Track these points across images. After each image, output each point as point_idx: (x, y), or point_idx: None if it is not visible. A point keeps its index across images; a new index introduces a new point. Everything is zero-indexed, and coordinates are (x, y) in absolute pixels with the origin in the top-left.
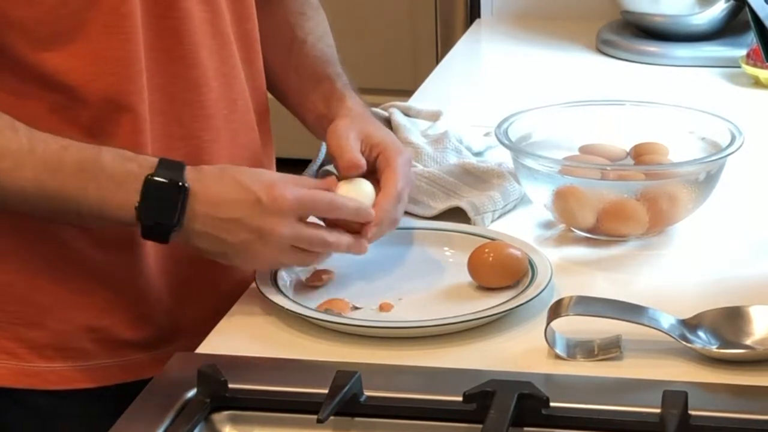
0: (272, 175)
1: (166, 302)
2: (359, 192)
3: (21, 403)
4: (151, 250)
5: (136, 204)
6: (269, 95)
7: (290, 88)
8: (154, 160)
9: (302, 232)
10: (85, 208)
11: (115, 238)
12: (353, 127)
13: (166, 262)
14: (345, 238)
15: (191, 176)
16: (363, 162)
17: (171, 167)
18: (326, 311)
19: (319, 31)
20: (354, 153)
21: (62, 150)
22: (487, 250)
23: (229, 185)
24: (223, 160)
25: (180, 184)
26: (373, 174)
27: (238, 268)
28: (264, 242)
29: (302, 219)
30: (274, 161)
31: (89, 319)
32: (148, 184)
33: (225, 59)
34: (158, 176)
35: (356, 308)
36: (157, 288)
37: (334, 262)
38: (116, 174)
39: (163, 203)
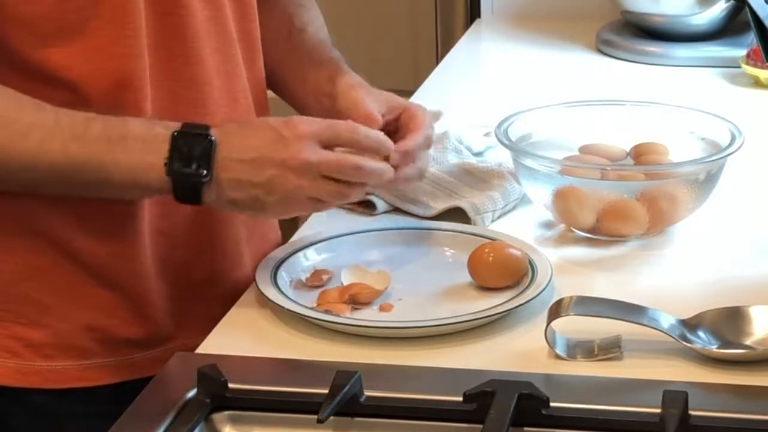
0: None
1: (166, 301)
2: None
3: (22, 401)
4: (150, 250)
5: (166, 159)
6: (269, 93)
7: (291, 71)
8: (178, 124)
9: (329, 156)
10: (116, 175)
11: (115, 238)
12: (368, 89)
13: (166, 262)
14: (377, 163)
15: (215, 132)
16: (379, 116)
17: (196, 126)
18: (326, 311)
19: (317, 23)
20: (368, 105)
21: (88, 120)
22: (487, 250)
23: (251, 129)
24: None
25: (206, 134)
26: (394, 136)
27: (235, 268)
28: (293, 174)
29: (327, 148)
30: None
31: (89, 318)
32: (176, 139)
33: (227, 57)
34: (185, 130)
35: (356, 308)
36: (157, 287)
37: (335, 262)
38: (144, 136)
39: (192, 153)
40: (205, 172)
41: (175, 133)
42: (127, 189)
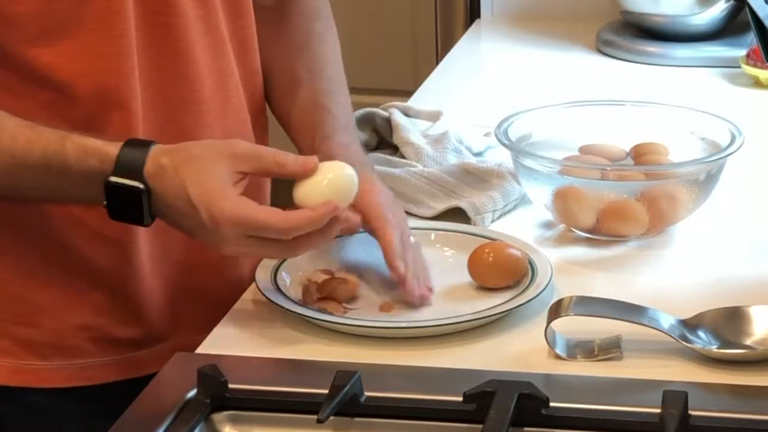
0: (216, 179)
1: (161, 300)
2: (334, 184)
3: (17, 401)
4: (144, 249)
5: (104, 204)
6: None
7: (288, 126)
8: (114, 152)
9: (250, 248)
10: (60, 200)
11: (109, 237)
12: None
13: (160, 261)
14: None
15: (150, 170)
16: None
17: (130, 162)
18: (325, 311)
19: (318, 65)
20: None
21: (28, 145)
22: (487, 250)
23: (179, 196)
24: None
25: (138, 187)
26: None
27: (231, 267)
28: (221, 249)
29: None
30: None
31: (84, 318)
32: (109, 187)
33: (219, 56)
34: (117, 176)
35: (347, 309)
36: (151, 287)
37: (334, 262)
38: (81, 171)
39: (128, 206)
40: (142, 220)
41: (108, 181)
42: (74, 206)
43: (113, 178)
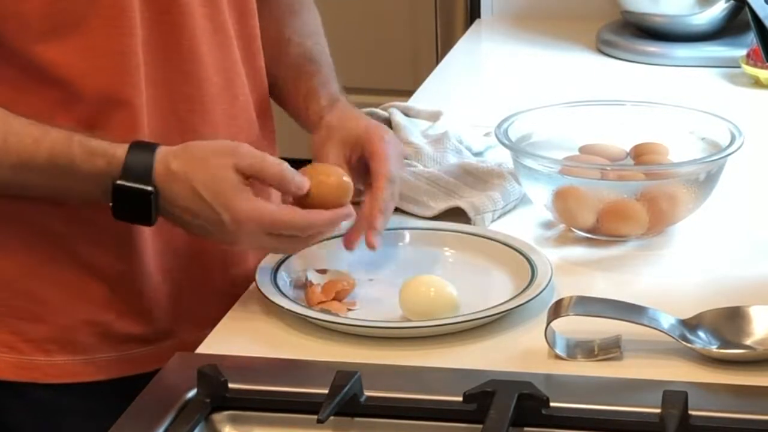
0: (227, 182)
1: (166, 296)
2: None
3: (22, 396)
4: (149, 245)
5: (110, 205)
6: None
7: (278, 87)
8: (122, 155)
9: (265, 243)
10: (66, 199)
11: (114, 234)
12: (332, 130)
13: (164, 258)
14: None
15: (159, 174)
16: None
17: (138, 166)
18: (325, 311)
19: (304, 30)
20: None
21: (35, 145)
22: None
23: (192, 197)
24: None
25: (147, 190)
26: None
27: (236, 263)
28: (235, 246)
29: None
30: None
31: (89, 314)
32: (117, 190)
33: (225, 55)
34: (125, 180)
35: (350, 309)
36: (156, 283)
37: (334, 262)
38: (88, 172)
39: (135, 207)
40: (148, 221)
41: (116, 184)
42: (81, 203)
43: (121, 182)
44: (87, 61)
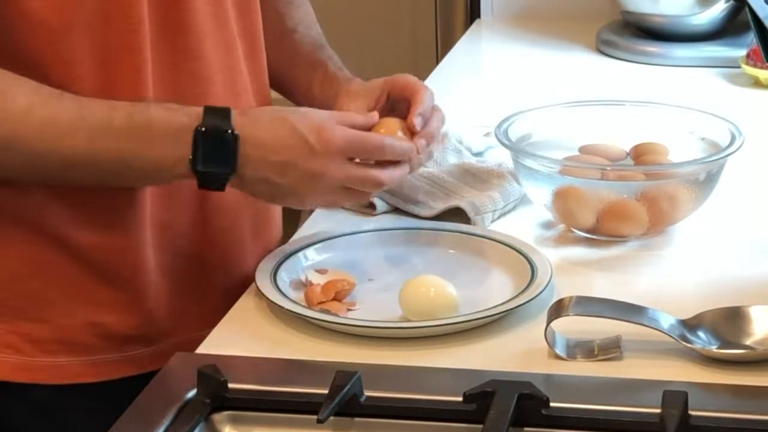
0: (320, 114)
1: (167, 296)
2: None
3: (24, 397)
4: (152, 242)
5: (189, 157)
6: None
7: (284, 73)
8: (200, 110)
9: (353, 173)
10: (141, 167)
11: (117, 231)
12: (351, 94)
13: (165, 258)
14: (397, 173)
15: (239, 122)
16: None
17: (218, 114)
18: (325, 311)
19: (307, 21)
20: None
21: (110, 110)
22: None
23: (279, 128)
24: None
25: (228, 131)
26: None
27: (237, 262)
28: (315, 183)
29: (352, 159)
30: None
31: (91, 314)
32: (198, 135)
33: (229, 53)
34: (207, 126)
35: (350, 309)
36: (158, 281)
37: (335, 262)
38: (166, 128)
39: (215, 153)
40: (228, 170)
41: (198, 128)
42: (150, 179)
43: (202, 128)
44: (95, 57)
